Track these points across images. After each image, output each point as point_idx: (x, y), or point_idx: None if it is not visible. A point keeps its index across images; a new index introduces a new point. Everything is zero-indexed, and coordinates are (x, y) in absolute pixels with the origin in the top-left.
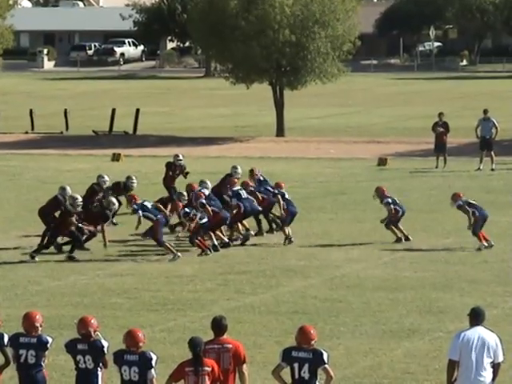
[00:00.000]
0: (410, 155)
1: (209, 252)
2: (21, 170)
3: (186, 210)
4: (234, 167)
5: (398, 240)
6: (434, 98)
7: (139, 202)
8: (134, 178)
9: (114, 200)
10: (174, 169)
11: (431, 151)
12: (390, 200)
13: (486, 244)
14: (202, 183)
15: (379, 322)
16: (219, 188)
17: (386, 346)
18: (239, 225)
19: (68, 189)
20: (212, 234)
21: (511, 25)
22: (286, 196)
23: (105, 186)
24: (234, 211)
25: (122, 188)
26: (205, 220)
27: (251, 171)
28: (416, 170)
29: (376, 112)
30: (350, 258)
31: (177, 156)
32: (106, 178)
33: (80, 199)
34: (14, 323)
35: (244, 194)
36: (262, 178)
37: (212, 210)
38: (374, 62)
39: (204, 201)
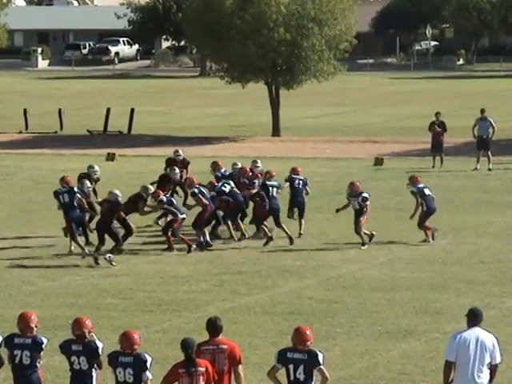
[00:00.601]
0: (407, 155)
1: (193, 248)
2: (15, 170)
3: (163, 198)
4: (255, 161)
5: (366, 243)
6: (430, 97)
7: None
8: (176, 169)
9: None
10: (174, 165)
11: (428, 151)
12: (367, 195)
13: (432, 238)
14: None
15: (375, 323)
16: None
17: (383, 347)
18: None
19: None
20: (205, 231)
21: (508, 24)
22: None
23: (95, 177)
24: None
25: (168, 179)
26: (184, 216)
27: (214, 163)
28: (413, 169)
29: (372, 111)
30: (346, 258)
31: (176, 151)
32: (97, 168)
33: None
34: (8, 324)
35: (274, 191)
36: (226, 174)
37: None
38: (371, 61)
39: (196, 190)
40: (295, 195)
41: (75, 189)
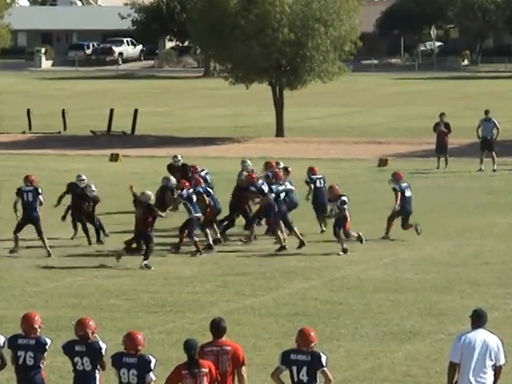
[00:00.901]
0: (411, 156)
1: (200, 254)
2: (18, 171)
3: (184, 192)
4: (243, 161)
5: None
6: (435, 98)
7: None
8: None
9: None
10: (175, 170)
11: (432, 152)
12: (346, 199)
13: (388, 235)
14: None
15: (380, 324)
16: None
17: (387, 349)
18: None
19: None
20: (208, 232)
21: None
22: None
23: (81, 186)
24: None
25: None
26: (199, 215)
27: (192, 167)
28: (417, 170)
29: (377, 112)
30: (350, 259)
31: (175, 157)
32: (84, 177)
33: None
34: (11, 325)
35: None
36: (206, 175)
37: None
38: (375, 61)
39: (201, 189)
40: (317, 195)
41: (39, 190)
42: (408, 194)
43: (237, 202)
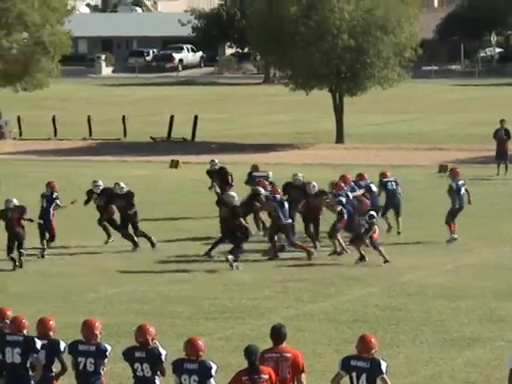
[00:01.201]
0: (471, 162)
1: (314, 253)
2: (78, 177)
3: (277, 196)
4: (295, 174)
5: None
6: (495, 104)
7: None
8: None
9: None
10: (213, 174)
11: (492, 158)
12: (374, 213)
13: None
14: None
15: (440, 331)
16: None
17: (447, 355)
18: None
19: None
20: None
21: None
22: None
23: (98, 191)
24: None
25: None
26: (289, 221)
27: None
28: (477, 177)
29: (437, 119)
30: (411, 265)
31: (212, 161)
32: (100, 183)
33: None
34: (70, 330)
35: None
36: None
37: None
38: (435, 67)
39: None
40: (390, 197)
41: (54, 195)
42: (463, 191)
43: (308, 211)
